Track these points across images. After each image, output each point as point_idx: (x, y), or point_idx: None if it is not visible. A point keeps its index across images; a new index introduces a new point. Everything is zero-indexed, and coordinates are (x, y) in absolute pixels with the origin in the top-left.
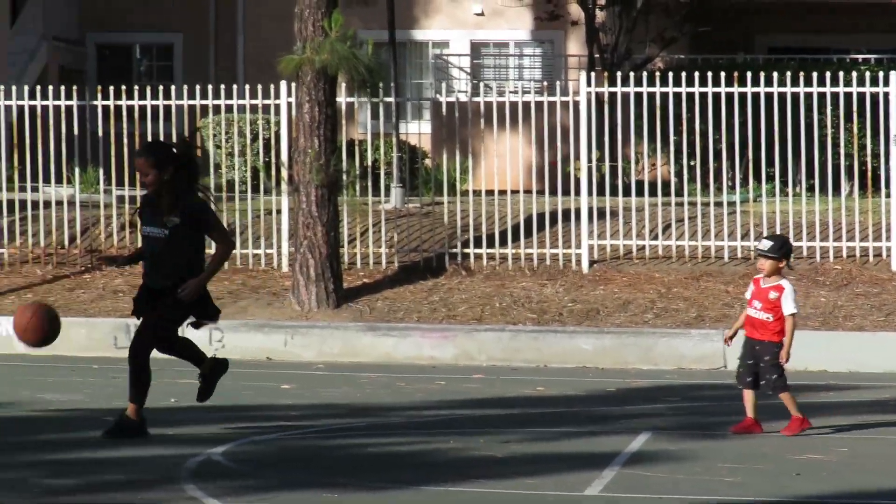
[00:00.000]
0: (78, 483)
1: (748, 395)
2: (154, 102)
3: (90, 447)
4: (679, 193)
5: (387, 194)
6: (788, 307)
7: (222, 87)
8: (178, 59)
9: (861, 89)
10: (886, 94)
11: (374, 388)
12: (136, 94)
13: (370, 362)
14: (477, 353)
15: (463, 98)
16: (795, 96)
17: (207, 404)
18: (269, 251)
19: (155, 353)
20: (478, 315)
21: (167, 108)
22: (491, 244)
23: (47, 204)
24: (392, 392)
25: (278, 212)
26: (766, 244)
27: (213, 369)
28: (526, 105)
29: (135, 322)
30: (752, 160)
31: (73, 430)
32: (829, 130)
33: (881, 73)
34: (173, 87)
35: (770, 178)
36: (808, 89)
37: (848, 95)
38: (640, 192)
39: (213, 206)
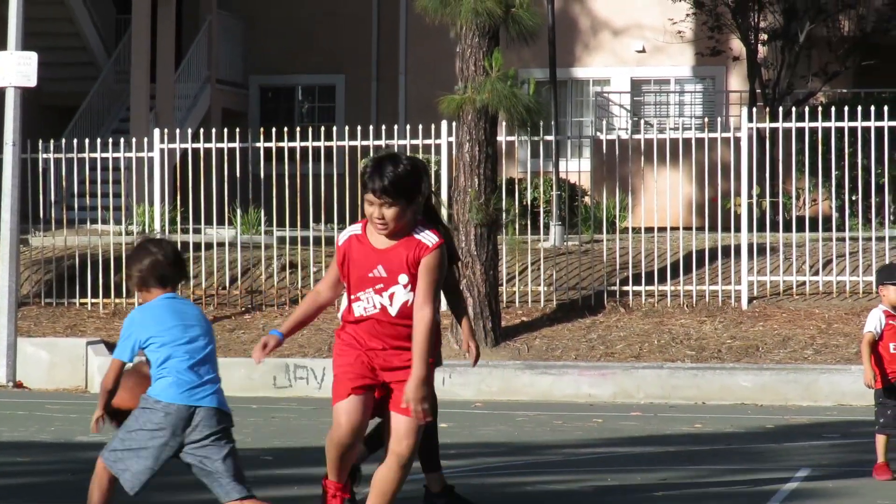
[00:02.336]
0: None
1: (885, 440)
2: (315, 144)
3: None
4: (840, 228)
5: (546, 232)
6: None
7: (383, 127)
8: (340, 100)
9: None
10: None
11: (532, 426)
12: (297, 135)
13: (528, 400)
14: (635, 391)
15: (623, 135)
16: None
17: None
18: None
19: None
20: (636, 352)
21: (328, 150)
22: (650, 281)
23: (209, 245)
24: (549, 430)
25: None
26: None
27: None
28: (686, 141)
29: (295, 362)
30: None
31: None
32: None
33: None
34: (334, 129)
35: None
36: None
37: None
38: (800, 228)
39: None
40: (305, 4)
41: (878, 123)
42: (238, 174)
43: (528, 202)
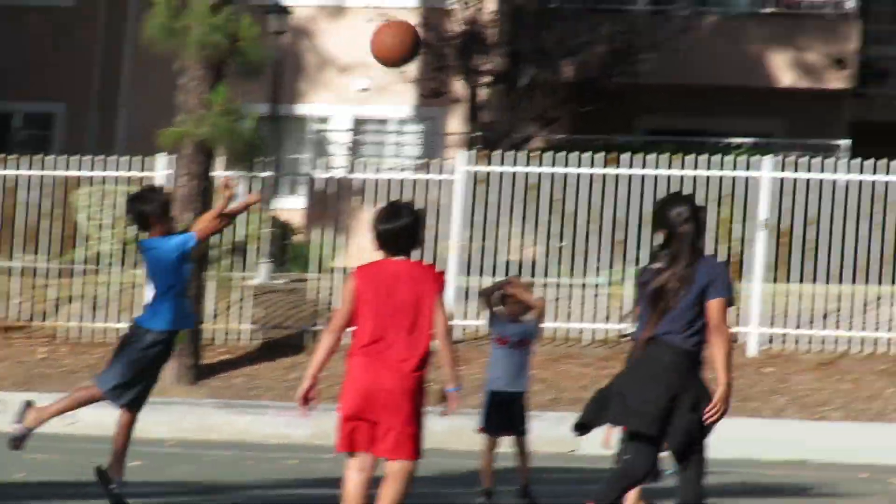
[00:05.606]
0: None
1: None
2: (27, 172)
3: None
4: (547, 274)
5: (255, 270)
6: None
7: (98, 158)
8: (59, 128)
9: (735, 173)
10: (759, 179)
11: (224, 466)
12: (6, 162)
13: (225, 440)
14: (333, 432)
15: (339, 174)
16: (671, 178)
17: (56, 479)
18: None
19: None
20: (334, 393)
21: (43, 179)
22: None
23: None
24: (241, 470)
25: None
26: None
27: None
28: (402, 182)
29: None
30: (621, 242)
31: None
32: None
33: (756, 158)
34: (51, 157)
35: (638, 261)
36: (683, 172)
37: (722, 179)
38: (509, 272)
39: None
40: (25, 30)
41: (593, 170)
42: None
43: (241, 238)
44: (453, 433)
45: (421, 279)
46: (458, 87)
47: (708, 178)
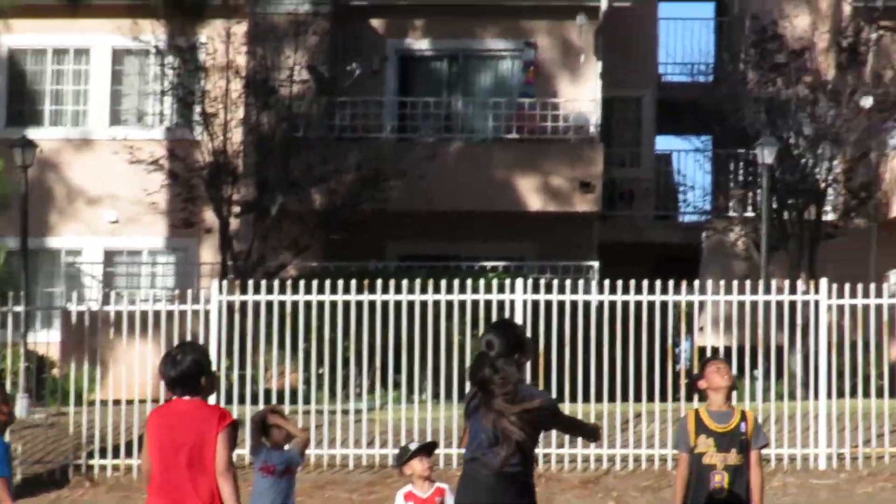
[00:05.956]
0: None
1: None
2: None
3: None
4: (308, 401)
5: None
6: None
7: None
8: None
9: (489, 297)
10: (513, 302)
11: None
12: None
13: None
14: None
15: (94, 307)
16: (425, 304)
17: None
18: None
19: None
20: None
21: None
22: (117, 454)
23: None
24: None
25: None
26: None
27: None
28: (157, 314)
29: None
30: (380, 368)
31: None
32: (457, 338)
33: (508, 281)
34: None
35: (397, 386)
36: (437, 297)
37: (476, 303)
38: (269, 401)
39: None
40: None
41: (345, 297)
42: None
43: None
44: None
45: (204, 419)
46: (210, 217)
47: (463, 302)
